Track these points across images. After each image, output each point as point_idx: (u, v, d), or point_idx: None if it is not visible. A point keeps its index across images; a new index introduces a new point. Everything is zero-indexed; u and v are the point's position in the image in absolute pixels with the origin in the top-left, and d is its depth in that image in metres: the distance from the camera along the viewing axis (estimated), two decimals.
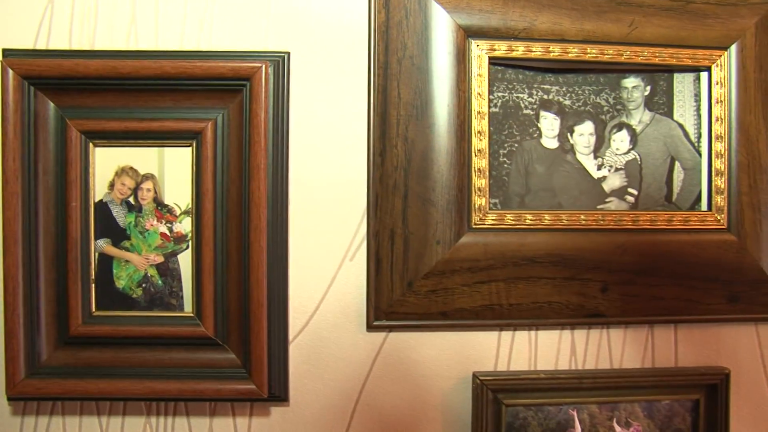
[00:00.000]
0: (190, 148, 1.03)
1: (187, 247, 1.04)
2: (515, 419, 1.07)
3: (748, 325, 1.15)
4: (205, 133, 1.02)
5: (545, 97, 1.07)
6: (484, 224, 1.04)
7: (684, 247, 1.09)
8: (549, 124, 1.07)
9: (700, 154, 1.11)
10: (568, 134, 1.08)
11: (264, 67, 1.00)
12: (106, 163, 1.02)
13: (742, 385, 1.15)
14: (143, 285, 1.04)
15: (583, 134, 1.08)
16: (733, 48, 1.10)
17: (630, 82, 1.10)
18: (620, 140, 1.09)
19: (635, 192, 1.09)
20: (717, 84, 1.10)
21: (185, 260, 1.04)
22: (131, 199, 1.03)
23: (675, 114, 1.11)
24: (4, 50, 0.99)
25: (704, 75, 1.11)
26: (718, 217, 1.10)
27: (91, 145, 1.01)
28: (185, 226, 1.03)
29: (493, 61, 1.05)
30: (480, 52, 1.04)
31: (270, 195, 1.02)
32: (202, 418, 1.07)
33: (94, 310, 1.03)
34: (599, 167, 1.09)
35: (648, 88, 1.10)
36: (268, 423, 1.07)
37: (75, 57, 0.98)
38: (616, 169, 1.09)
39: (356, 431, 1.08)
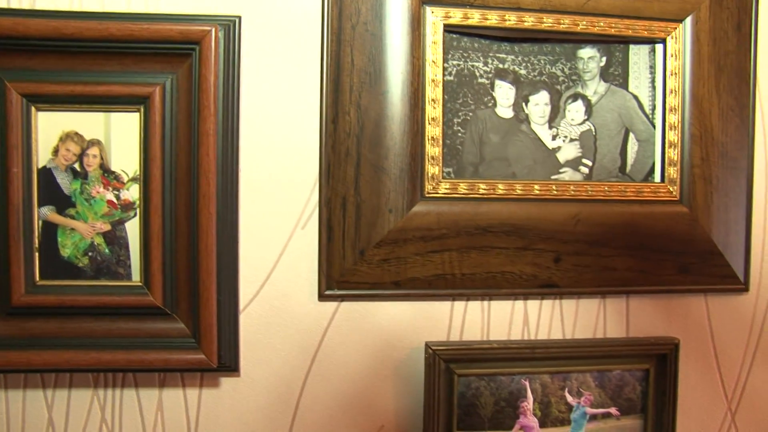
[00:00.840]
0: (137, 114, 1.01)
1: (135, 215, 1.02)
2: (468, 389, 1.08)
3: (697, 296, 1.17)
4: (153, 98, 1.00)
5: (500, 66, 1.08)
6: (437, 193, 1.05)
7: (637, 219, 1.11)
8: (504, 94, 1.08)
9: (654, 126, 1.13)
10: (523, 104, 1.08)
11: (214, 31, 0.99)
12: (50, 128, 1.00)
13: (690, 354, 1.17)
14: (89, 254, 1.02)
15: (539, 104, 1.09)
16: (688, 21, 1.11)
17: (586, 52, 1.10)
18: (575, 111, 1.10)
19: (589, 163, 1.11)
20: (672, 56, 1.12)
21: (133, 228, 1.02)
22: (76, 166, 1.01)
23: (630, 85, 1.12)
24: None
25: (659, 47, 1.12)
26: (671, 189, 1.12)
27: (33, 109, 0.99)
28: (133, 193, 1.02)
29: (448, 29, 1.05)
30: (435, 19, 1.04)
31: (220, 162, 1.01)
32: (151, 389, 1.06)
33: (38, 279, 1.01)
34: (554, 137, 1.09)
35: (603, 59, 1.11)
36: (219, 394, 1.07)
37: (14, 16, 0.96)
38: (571, 140, 1.10)
39: (308, 402, 1.08)
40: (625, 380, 1.14)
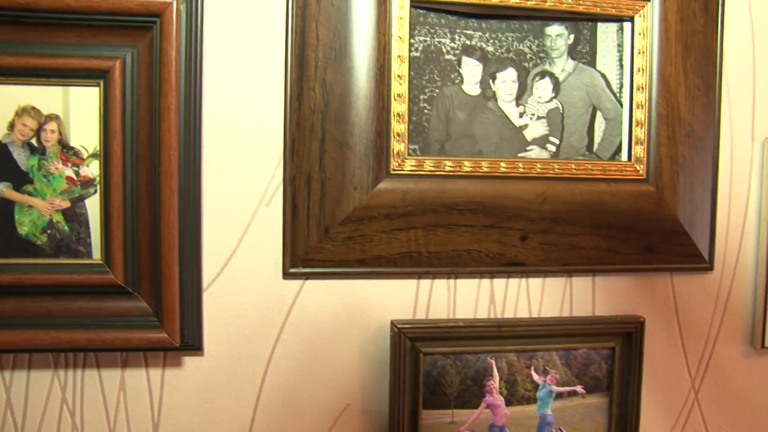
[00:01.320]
0: (97, 88, 0.99)
1: (95, 192, 1.01)
2: (433, 367, 1.08)
3: (663, 275, 1.19)
4: (113, 72, 0.98)
5: (468, 42, 1.07)
6: (403, 170, 1.04)
7: (603, 197, 1.11)
8: (471, 70, 1.07)
9: (621, 105, 1.13)
10: (491, 81, 1.08)
11: (175, 3, 0.98)
12: (5, 102, 0.98)
13: (656, 333, 1.19)
14: (48, 231, 1.00)
15: (506, 81, 1.09)
16: None
17: (554, 29, 1.10)
18: (543, 88, 1.10)
19: (556, 141, 1.11)
20: (640, 35, 1.12)
21: (93, 205, 1.01)
22: (34, 141, 0.99)
23: (598, 63, 1.12)
24: None
25: (627, 25, 1.13)
26: (638, 168, 1.13)
27: None
28: (93, 169, 1.01)
29: (415, 4, 1.04)
30: None
31: (182, 137, 1.00)
32: (114, 370, 1.05)
33: None
34: (521, 115, 1.09)
35: (571, 36, 1.11)
36: (182, 373, 1.06)
37: None
38: (538, 118, 1.10)
39: (272, 380, 1.08)
40: (591, 358, 1.15)
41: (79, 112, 1.00)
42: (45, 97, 0.99)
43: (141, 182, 1.00)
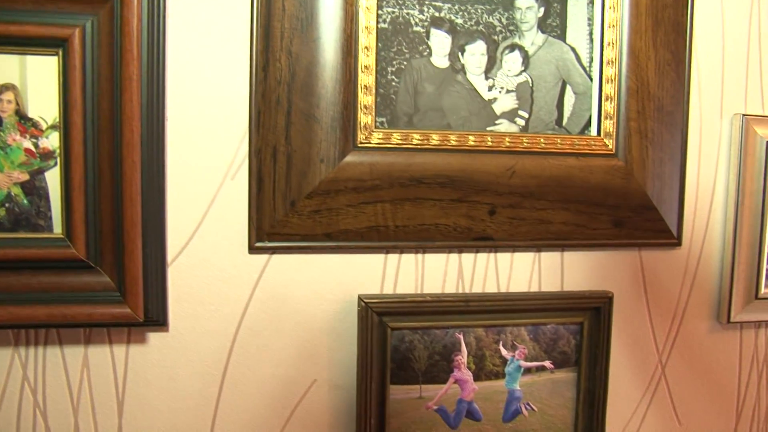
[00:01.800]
0: (55, 57, 0.97)
1: (55, 164, 0.99)
2: (401, 342, 1.09)
3: (631, 251, 1.20)
4: (72, 40, 0.96)
5: (437, 14, 1.07)
6: (370, 143, 1.04)
7: (572, 172, 1.12)
8: (440, 43, 1.07)
9: (591, 79, 1.14)
10: (459, 54, 1.08)
11: None
12: None
13: (624, 308, 1.20)
14: (6, 205, 0.99)
15: (475, 54, 1.08)
16: None
17: (524, 2, 1.10)
18: (512, 61, 1.10)
19: (526, 115, 1.11)
20: (610, 8, 1.12)
21: (53, 178, 0.99)
22: None
23: (568, 37, 1.12)
24: None
25: None
26: (607, 142, 1.13)
27: None
28: (52, 141, 0.99)
29: None
30: None
31: (144, 109, 0.99)
32: (76, 346, 1.04)
33: None
34: (490, 88, 1.09)
35: (541, 9, 1.11)
36: (147, 350, 1.05)
37: None
38: (507, 91, 1.10)
39: (238, 356, 1.07)
40: (560, 333, 1.16)
41: (37, 81, 0.98)
42: (0, 65, 0.96)
43: (103, 154, 0.99)
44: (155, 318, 1.03)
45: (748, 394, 1.31)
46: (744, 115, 1.21)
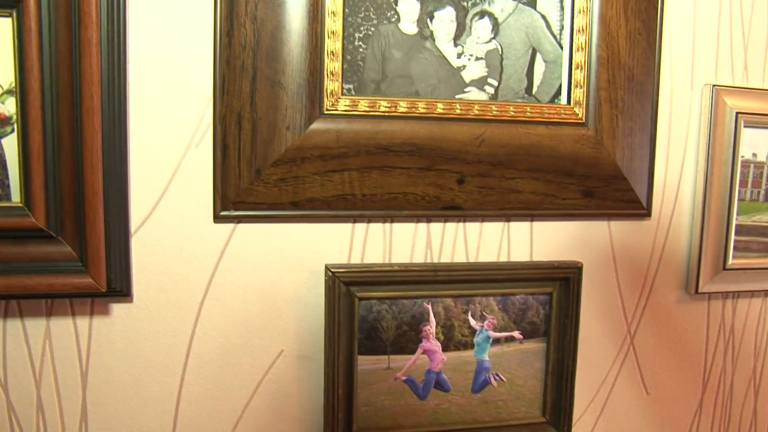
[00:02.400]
0: (9, 19, 0.95)
1: (13, 131, 0.97)
2: (369, 312, 1.09)
3: (601, 221, 1.21)
4: (27, 1, 0.94)
5: None
6: (337, 110, 1.03)
7: (542, 141, 1.12)
8: (408, 9, 1.06)
9: (561, 47, 1.14)
10: (428, 20, 1.07)
11: None
12: None
13: (593, 278, 1.22)
14: None
15: (444, 20, 1.08)
16: None
17: None
18: (482, 28, 1.10)
19: (495, 83, 1.11)
20: None
21: (10, 145, 0.98)
22: None
23: (538, 4, 1.12)
24: None
25: None
26: (577, 111, 1.14)
27: None
28: (9, 107, 0.97)
29: None
30: None
31: (105, 74, 0.97)
32: (38, 318, 1.03)
33: None
34: (459, 56, 1.09)
35: None
36: (110, 321, 1.05)
37: None
38: (477, 59, 1.10)
39: (204, 327, 1.07)
40: (529, 304, 1.17)
41: None
42: None
43: (62, 120, 0.97)
44: (118, 288, 1.02)
45: (714, 364, 1.34)
46: (714, 85, 1.22)
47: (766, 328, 1.36)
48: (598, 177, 1.16)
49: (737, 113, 1.23)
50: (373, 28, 1.05)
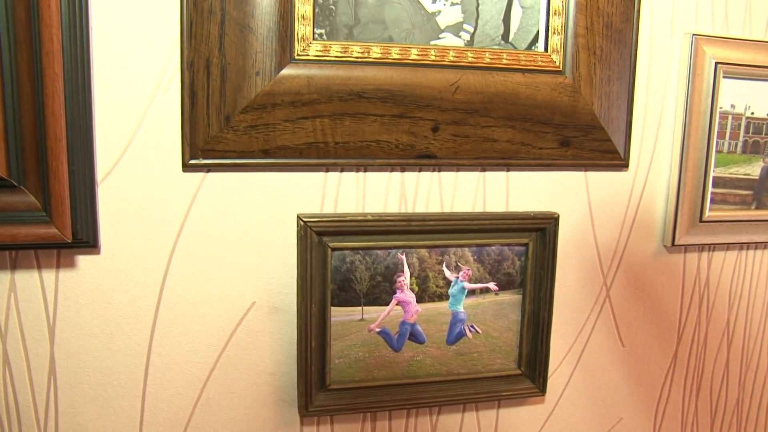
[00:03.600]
0: None
1: None
2: (342, 263, 1.10)
3: (577, 171, 1.22)
4: None
5: None
6: (308, 55, 1.03)
7: (518, 88, 1.12)
8: None
9: None
10: None
11: None
12: None
13: (569, 229, 1.23)
14: None
15: None
16: None
17: None
18: None
19: (471, 29, 1.11)
20: None
21: None
22: None
23: None
24: None
25: None
26: (554, 59, 1.14)
27: None
28: None
29: None
30: None
31: (65, 15, 0.95)
32: (2, 271, 1.03)
33: None
34: (434, 0, 1.08)
35: None
36: (78, 273, 1.04)
37: None
38: (452, 4, 1.09)
39: (174, 279, 1.07)
40: (504, 255, 1.18)
41: None
42: None
43: (21, 65, 0.95)
44: (85, 239, 1.02)
45: (689, 317, 1.37)
46: (694, 34, 1.23)
47: (740, 281, 1.39)
48: (575, 126, 1.16)
49: (716, 63, 1.24)
50: None
